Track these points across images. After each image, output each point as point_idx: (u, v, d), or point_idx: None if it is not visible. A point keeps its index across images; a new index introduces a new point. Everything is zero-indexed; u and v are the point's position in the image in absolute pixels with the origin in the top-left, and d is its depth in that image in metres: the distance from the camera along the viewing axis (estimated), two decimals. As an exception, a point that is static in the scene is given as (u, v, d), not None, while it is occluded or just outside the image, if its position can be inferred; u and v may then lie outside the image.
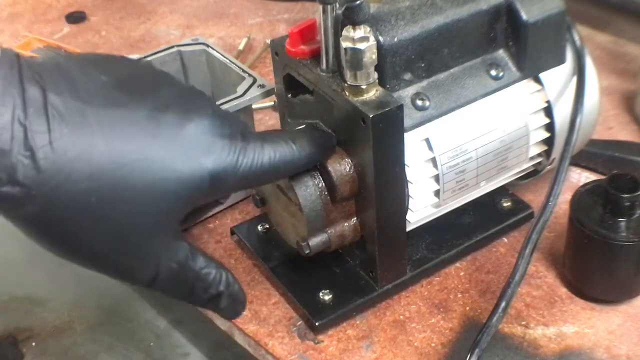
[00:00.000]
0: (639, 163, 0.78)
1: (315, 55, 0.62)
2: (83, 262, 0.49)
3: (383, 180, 0.59)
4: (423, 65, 0.62)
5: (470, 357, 0.58)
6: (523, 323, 0.64)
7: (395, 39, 0.59)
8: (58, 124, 0.45)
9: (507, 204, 0.73)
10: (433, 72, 0.63)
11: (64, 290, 0.93)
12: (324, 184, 0.60)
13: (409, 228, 0.65)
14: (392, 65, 0.60)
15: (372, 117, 0.56)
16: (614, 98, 0.90)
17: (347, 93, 0.58)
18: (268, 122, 0.91)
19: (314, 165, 0.60)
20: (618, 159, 0.79)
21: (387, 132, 0.57)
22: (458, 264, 0.70)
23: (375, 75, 0.58)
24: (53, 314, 0.92)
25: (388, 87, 0.60)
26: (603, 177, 0.65)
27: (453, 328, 0.64)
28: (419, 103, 0.61)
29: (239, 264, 0.72)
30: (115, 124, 0.47)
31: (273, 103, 0.91)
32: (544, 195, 0.63)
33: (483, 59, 0.65)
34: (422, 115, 0.62)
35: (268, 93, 0.72)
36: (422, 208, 0.64)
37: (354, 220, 0.63)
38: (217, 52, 0.79)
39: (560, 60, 0.67)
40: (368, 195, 0.60)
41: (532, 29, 0.63)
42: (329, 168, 0.60)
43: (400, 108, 0.57)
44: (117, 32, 1.14)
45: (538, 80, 0.67)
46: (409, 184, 0.62)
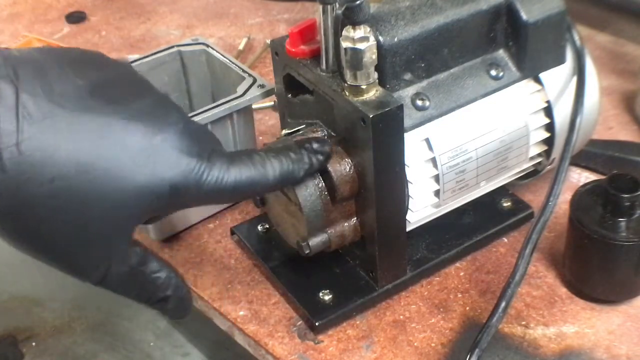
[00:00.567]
0: (639, 163, 0.78)
1: (315, 55, 0.62)
2: (38, 257, 0.50)
3: (383, 180, 0.59)
4: (423, 65, 0.62)
5: (470, 357, 0.58)
6: (523, 323, 0.64)
7: (395, 39, 0.59)
8: (27, 125, 0.45)
9: (507, 204, 0.73)
10: (433, 72, 0.63)
11: (64, 290, 0.93)
12: (324, 184, 0.60)
13: (409, 228, 0.65)
14: (392, 65, 0.60)
15: (372, 117, 0.56)
16: (614, 98, 0.90)
17: (347, 93, 0.58)
18: (268, 122, 0.91)
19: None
20: (618, 159, 0.79)
21: (387, 132, 0.57)
22: (458, 264, 0.70)
23: (375, 75, 0.58)
24: (53, 314, 0.92)
25: (388, 87, 0.60)
26: (603, 177, 0.65)
27: (453, 328, 0.64)
28: (419, 103, 0.62)
29: (239, 264, 0.72)
30: (85, 130, 0.47)
31: (273, 103, 0.91)
32: (544, 195, 0.63)
33: (483, 59, 0.65)
34: (422, 115, 0.62)
35: (268, 93, 0.72)
36: (422, 208, 0.64)
37: (354, 220, 0.63)
38: (217, 52, 0.79)
39: (560, 60, 0.67)
40: (368, 195, 0.60)
41: (532, 29, 0.63)
42: (329, 168, 0.60)
43: (400, 108, 0.57)
44: (117, 32, 1.14)
45: (538, 80, 0.67)
46: (409, 184, 0.62)
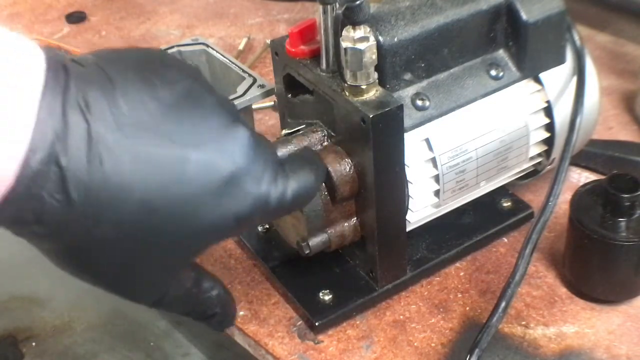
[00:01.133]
0: (639, 163, 0.78)
1: (315, 55, 0.62)
2: (92, 284, 0.49)
3: (383, 180, 0.59)
4: (423, 65, 0.62)
5: (470, 357, 0.58)
6: (523, 323, 0.64)
7: (395, 39, 0.59)
8: (98, 162, 0.42)
9: (507, 204, 0.73)
10: (433, 72, 0.63)
11: (64, 290, 0.93)
12: (324, 184, 0.60)
13: (409, 228, 0.65)
14: (392, 65, 0.60)
15: (372, 117, 0.56)
16: (614, 98, 0.90)
17: (347, 93, 0.58)
18: (268, 122, 0.91)
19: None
20: (618, 159, 0.79)
21: (387, 132, 0.57)
22: (458, 264, 0.70)
23: (375, 75, 0.58)
24: (53, 314, 0.92)
25: (388, 87, 0.60)
26: (603, 177, 0.65)
27: (453, 328, 0.64)
28: (419, 103, 0.61)
29: (239, 264, 0.72)
30: (156, 166, 0.44)
31: (273, 103, 0.91)
32: (544, 195, 0.63)
33: (483, 59, 0.65)
34: (422, 115, 0.62)
35: (268, 93, 0.72)
36: (422, 208, 0.64)
37: (354, 220, 0.63)
38: (217, 52, 0.79)
39: (560, 60, 0.67)
40: (368, 195, 0.60)
41: (532, 29, 0.63)
42: (329, 168, 0.60)
43: (400, 108, 0.57)
44: (117, 32, 1.14)
45: (538, 80, 0.67)
46: (409, 184, 0.62)
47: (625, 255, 0.61)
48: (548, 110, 0.68)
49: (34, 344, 0.89)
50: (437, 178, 0.63)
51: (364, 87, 0.57)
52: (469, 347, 0.58)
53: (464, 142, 0.64)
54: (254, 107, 0.81)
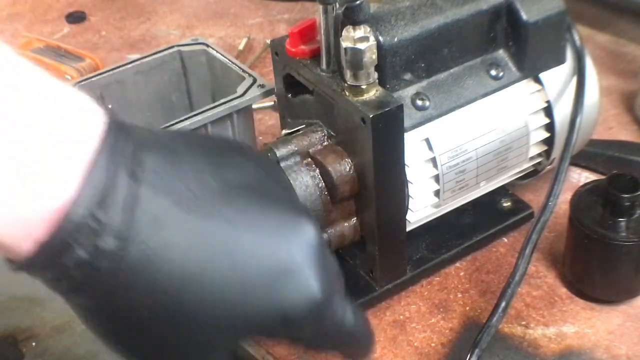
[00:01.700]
0: (639, 163, 0.78)
1: (315, 55, 0.62)
2: (118, 353, 0.45)
3: (383, 180, 0.59)
4: (423, 65, 0.62)
5: (470, 357, 0.58)
6: (523, 323, 0.64)
7: (395, 39, 0.59)
8: (138, 226, 0.39)
9: (507, 204, 0.73)
10: (433, 72, 0.63)
11: (64, 290, 0.93)
12: (324, 184, 0.60)
13: (409, 228, 0.65)
14: (392, 65, 0.60)
15: (372, 117, 0.56)
16: (614, 98, 0.90)
17: (347, 93, 0.58)
18: (268, 122, 0.91)
19: (314, 165, 0.60)
20: (618, 159, 0.79)
21: (387, 132, 0.57)
22: (458, 264, 0.70)
23: (375, 75, 0.58)
24: (53, 314, 0.92)
25: (388, 87, 0.60)
26: (603, 177, 0.65)
27: (453, 328, 0.64)
28: (419, 103, 0.61)
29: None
30: (204, 241, 0.41)
31: (273, 103, 0.91)
32: (544, 195, 0.63)
33: (483, 59, 0.65)
34: (422, 115, 0.62)
35: (268, 93, 0.72)
36: (422, 208, 0.64)
37: (354, 220, 0.63)
38: (217, 52, 0.79)
39: (560, 60, 0.67)
40: (368, 195, 0.60)
41: (532, 29, 0.63)
42: (329, 168, 0.60)
43: (400, 108, 0.57)
44: (117, 32, 1.14)
45: (538, 80, 0.67)
46: (409, 184, 0.62)
47: (625, 255, 0.61)
48: (548, 110, 0.68)
49: (34, 344, 0.89)
50: (437, 178, 0.63)
51: (364, 87, 0.57)
52: (469, 347, 0.58)
53: (464, 142, 0.64)
54: (254, 107, 0.81)
